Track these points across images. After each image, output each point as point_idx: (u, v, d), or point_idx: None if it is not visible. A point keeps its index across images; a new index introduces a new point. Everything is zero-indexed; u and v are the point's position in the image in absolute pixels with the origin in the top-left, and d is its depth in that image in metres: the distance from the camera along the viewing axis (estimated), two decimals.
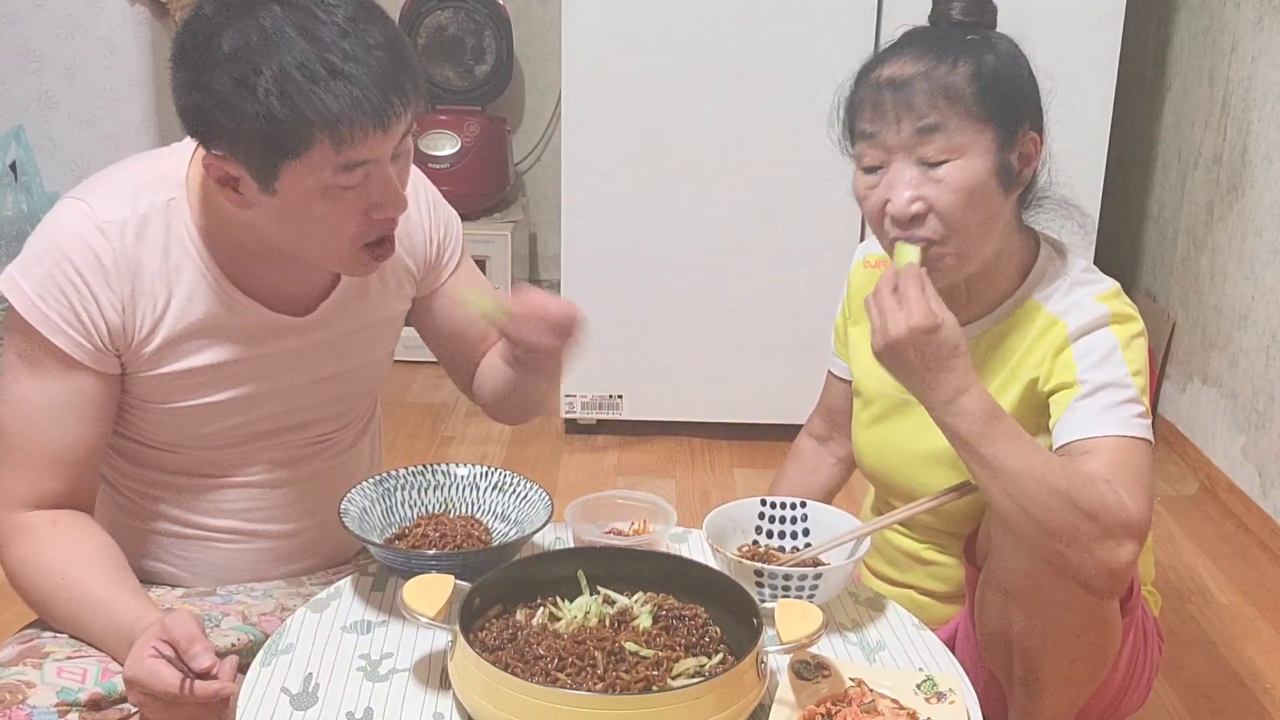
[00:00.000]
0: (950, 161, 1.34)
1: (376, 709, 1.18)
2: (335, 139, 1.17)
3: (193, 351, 1.35)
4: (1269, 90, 2.77)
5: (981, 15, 1.39)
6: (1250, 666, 2.20)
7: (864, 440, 1.61)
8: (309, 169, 1.19)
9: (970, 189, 1.34)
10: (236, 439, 1.43)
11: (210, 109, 1.18)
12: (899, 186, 1.35)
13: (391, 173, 1.26)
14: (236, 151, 1.20)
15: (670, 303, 3.05)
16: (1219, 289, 2.98)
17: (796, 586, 1.30)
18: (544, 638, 1.19)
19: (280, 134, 1.16)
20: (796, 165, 2.90)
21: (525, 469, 1.71)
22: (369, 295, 1.47)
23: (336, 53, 1.16)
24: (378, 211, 1.27)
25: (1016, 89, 1.37)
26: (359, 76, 1.16)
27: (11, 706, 1.18)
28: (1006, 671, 1.42)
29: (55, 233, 1.30)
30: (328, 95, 1.15)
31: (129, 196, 1.32)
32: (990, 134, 1.34)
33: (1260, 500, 2.74)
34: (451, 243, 1.57)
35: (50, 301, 1.28)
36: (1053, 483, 1.24)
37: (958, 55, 1.34)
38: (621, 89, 2.90)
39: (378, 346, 1.52)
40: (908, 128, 1.34)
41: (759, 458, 3.06)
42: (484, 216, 3.72)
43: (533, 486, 1.45)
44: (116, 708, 1.23)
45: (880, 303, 1.30)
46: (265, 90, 1.14)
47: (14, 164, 2.99)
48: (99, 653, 1.27)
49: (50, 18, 2.96)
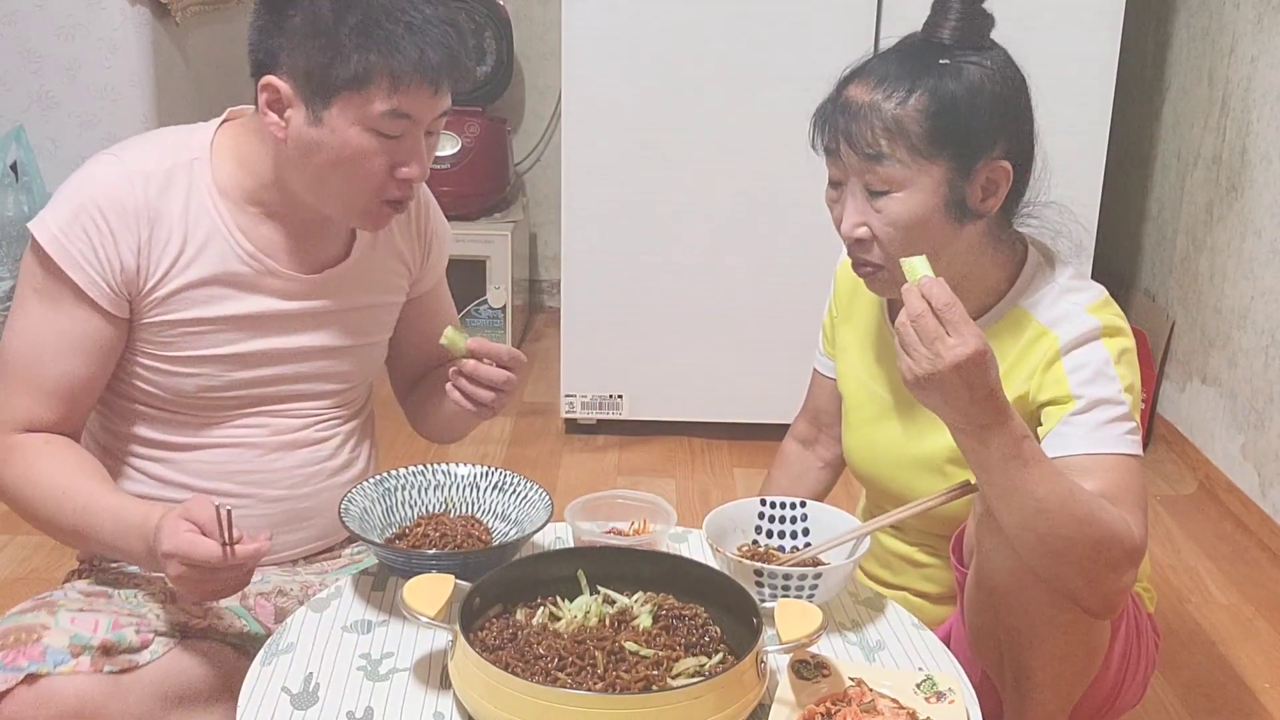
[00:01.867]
0: (891, 194, 1.35)
1: (377, 708, 1.19)
2: (393, 82, 1.30)
3: (201, 301, 1.41)
4: (1268, 90, 2.77)
5: (971, 38, 1.36)
6: (1249, 666, 2.20)
7: (854, 443, 1.61)
8: (361, 104, 1.31)
9: (908, 224, 1.35)
10: (235, 400, 1.46)
11: (295, 28, 1.31)
12: (848, 210, 1.38)
13: (424, 141, 1.37)
14: (298, 75, 1.32)
15: (670, 303, 3.05)
16: (1218, 289, 2.98)
17: (796, 586, 1.31)
18: (544, 637, 1.19)
19: (349, 63, 1.29)
20: (796, 165, 2.87)
21: (525, 469, 1.71)
22: (371, 275, 1.53)
23: (418, 15, 1.31)
24: (401, 171, 1.37)
25: (979, 122, 1.34)
26: (432, 38, 1.31)
27: (27, 644, 1.23)
28: (999, 670, 1.42)
29: (85, 179, 1.38)
30: (402, 42, 1.29)
31: (157, 154, 1.41)
32: (939, 169, 1.34)
33: (1259, 500, 2.74)
34: (442, 255, 1.65)
35: (72, 238, 1.35)
36: (1074, 511, 1.23)
37: (917, 85, 1.33)
38: (621, 89, 2.90)
39: (374, 331, 1.57)
40: (855, 154, 1.35)
41: (759, 458, 3.06)
42: (484, 216, 3.72)
43: (533, 486, 1.45)
44: (125, 656, 1.28)
45: (925, 329, 1.19)
46: (352, 24, 1.29)
47: (14, 164, 2.99)
48: (109, 608, 1.32)
49: (51, 18, 2.96)
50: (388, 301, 1.57)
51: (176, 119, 1.28)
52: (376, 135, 1.33)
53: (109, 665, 1.26)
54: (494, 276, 3.60)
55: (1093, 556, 1.25)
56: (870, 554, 1.60)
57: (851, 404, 1.60)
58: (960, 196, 1.35)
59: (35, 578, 2.33)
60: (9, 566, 2.39)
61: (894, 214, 1.35)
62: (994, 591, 1.35)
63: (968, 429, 1.23)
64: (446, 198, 3.77)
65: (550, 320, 3.97)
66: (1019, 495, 1.23)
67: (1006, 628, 1.36)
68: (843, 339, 1.62)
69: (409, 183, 1.38)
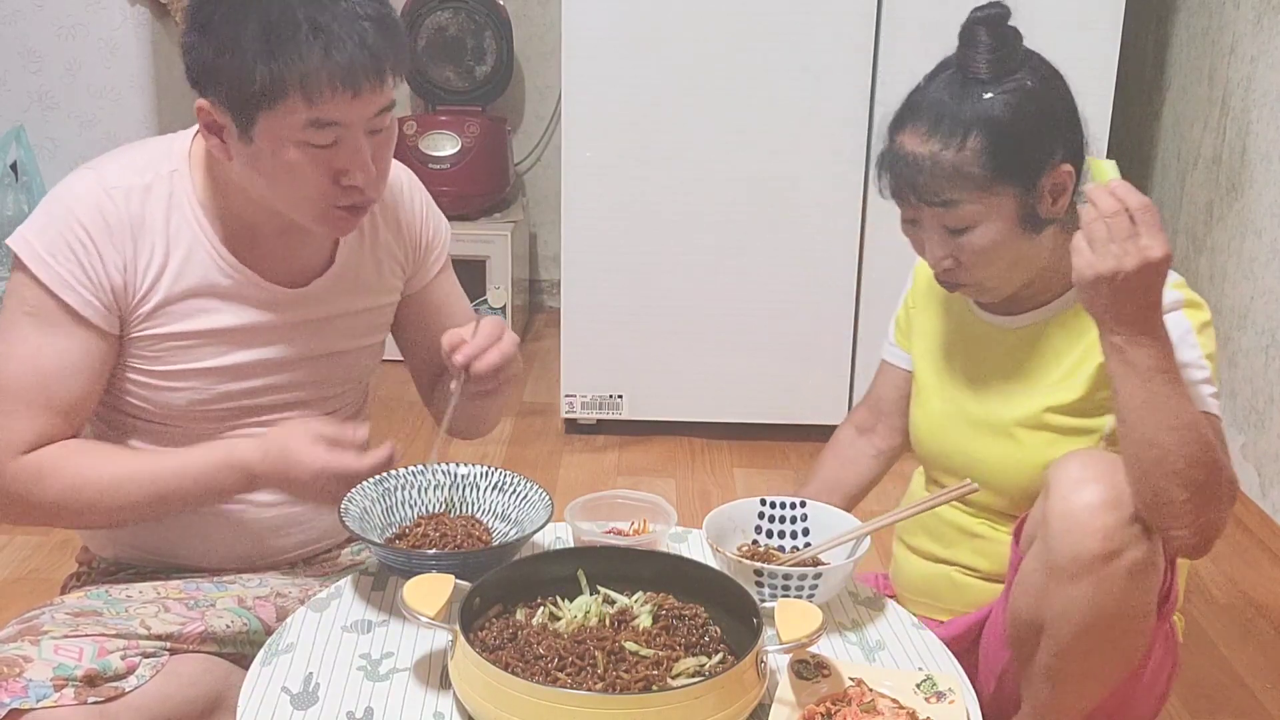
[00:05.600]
0: (971, 230, 1.41)
1: (377, 708, 1.19)
2: (306, 94, 1.23)
3: (188, 314, 1.39)
4: (1268, 90, 2.77)
5: (1006, 64, 1.40)
6: (1250, 666, 2.20)
7: (922, 417, 1.63)
8: (282, 120, 1.25)
9: (990, 248, 1.42)
10: (227, 411, 1.45)
11: (202, 53, 1.26)
12: (930, 246, 1.45)
13: (364, 144, 1.30)
14: (221, 97, 1.27)
15: (670, 303, 3.05)
16: (1218, 289, 2.98)
17: (796, 586, 1.31)
18: (544, 637, 1.19)
19: (258, 82, 1.23)
20: (796, 165, 2.91)
21: (525, 469, 1.71)
22: (361, 280, 1.51)
23: (324, 14, 1.23)
24: (346, 178, 1.31)
25: (1035, 141, 1.39)
26: (340, 39, 1.23)
27: (9, 679, 1.20)
28: (1029, 659, 1.42)
29: (65, 195, 1.37)
30: (305, 50, 1.22)
31: (136, 167, 1.38)
32: (1008, 196, 1.40)
33: (1259, 500, 2.74)
34: (439, 247, 1.61)
35: (60, 259, 1.34)
36: (1201, 434, 1.27)
37: (969, 129, 1.38)
38: (621, 89, 2.90)
39: (367, 333, 1.55)
40: (926, 204, 1.41)
41: (759, 458, 3.06)
42: (484, 216, 3.72)
43: (533, 486, 1.45)
44: (111, 685, 1.25)
45: (1119, 228, 1.23)
46: (250, 38, 1.22)
47: (14, 164, 2.99)
48: (94, 633, 1.29)
49: (51, 18, 2.96)
50: (379, 304, 1.55)
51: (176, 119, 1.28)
52: (309, 147, 1.28)
53: (93, 696, 1.22)
54: (494, 276, 3.60)
55: (1206, 482, 1.28)
56: (919, 526, 1.62)
57: (925, 382, 1.63)
58: (1032, 210, 1.41)
59: (35, 578, 2.32)
60: (9, 566, 2.39)
61: (975, 245, 1.42)
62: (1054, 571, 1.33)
63: (1126, 334, 1.26)
64: (446, 198, 3.78)
65: (550, 320, 3.97)
66: (1157, 408, 1.27)
67: (1055, 612, 1.35)
68: (920, 325, 1.66)
69: (358, 190, 1.33)
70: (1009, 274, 1.46)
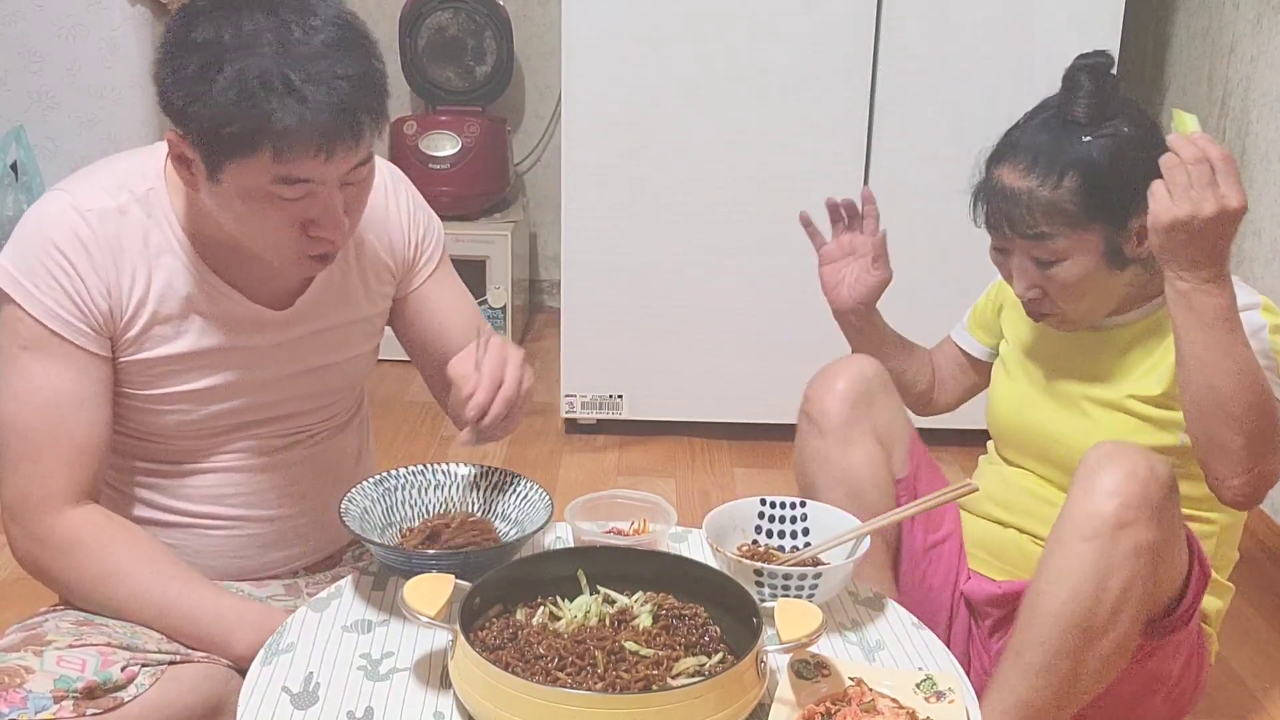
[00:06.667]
0: (1059, 263, 1.48)
1: (377, 708, 1.19)
2: (277, 152, 1.19)
3: (173, 337, 1.37)
4: (1268, 90, 2.77)
5: (1105, 113, 1.47)
6: (1249, 666, 2.20)
7: (1004, 394, 1.70)
8: (250, 172, 1.22)
9: (1076, 282, 1.50)
10: (218, 429, 1.43)
11: (173, 90, 1.21)
12: (1018, 276, 1.55)
13: (336, 198, 1.27)
14: (191, 133, 1.23)
15: (670, 302, 3.05)
16: None
17: (796, 586, 1.31)
18: (544, 637, 1.19)
19: (228, 133, 1.19)
20: (796, 165, 2.90)
21: (525, 469, 1.71)
22: (348, 293, 1.48)
23: (300, 72, 1.18)
24: (315, 229, 1.28)
25: (1127, 186, 1.45)
26: (314, 99, 1.18)
27: (9, 690, 1.19)
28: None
29: (40, 220, 1.33)
30: (278, 109, 1.17)
31: (111, 187, 1.35)
32: (1097, 234, 1.47)
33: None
34: (430, 246, 1.56)
35: (44, 289, 1.30)
36: (1260, 382, 1.35)
37: (1066, 169, 1.45)
38: (621, 89, 2.90)
39: (358, 343, 1.53)
40: (1019, 234, 1.51)
41: (759, 458, 3.06)
42: (484, 216, 3.72)
43: (533, 486, 1.45)
44: (110, 695, 1.24)
45: (1200, 175, 1.29)
46: (222, 88, 1.17)
47: (15, 164, 2.99)
48: (99, 643, 1.28)
49: (51, 18, 2.96)
50: (369, 314, 1.52)
51: None
52: (278, 199, 1.24)
53: (91, 708, 1.21)
54: (494, 276, 3.60)
55: (1263, 430, 1.35)
56: (985, 495, 1.68)
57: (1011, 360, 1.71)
58: (1118, 249, 1.49)
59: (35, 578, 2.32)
60: (9, 566, 2.39)
61: (1062, 279, 1.51)
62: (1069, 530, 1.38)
63: (1195, 281, 1.33)
64: (446, 198, 3.78)
65: (550, 320, 3.97)
66: (1220, 354, 1.33)
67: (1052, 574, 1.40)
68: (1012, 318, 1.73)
69: (327, 241, 1.29)
70: (1092, 307, 1.53)
